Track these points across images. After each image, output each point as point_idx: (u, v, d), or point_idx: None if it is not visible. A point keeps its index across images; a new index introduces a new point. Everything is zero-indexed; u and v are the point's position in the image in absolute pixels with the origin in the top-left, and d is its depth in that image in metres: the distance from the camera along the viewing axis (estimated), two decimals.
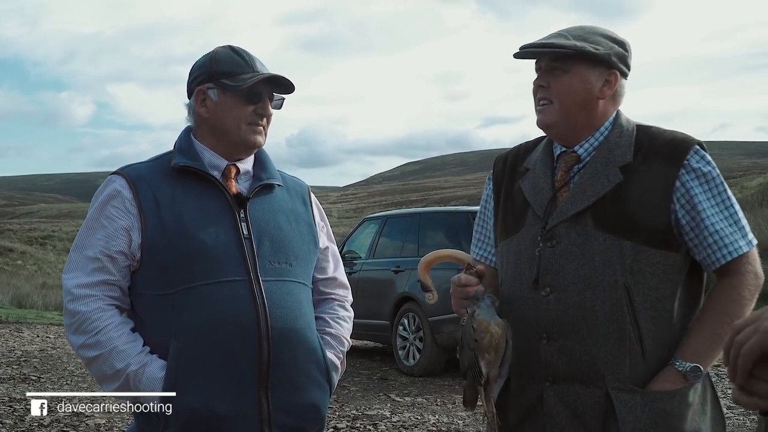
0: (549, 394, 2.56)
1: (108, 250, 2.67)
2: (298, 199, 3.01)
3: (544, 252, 2.58)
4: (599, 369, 2.49)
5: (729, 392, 9.29)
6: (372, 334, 13.20)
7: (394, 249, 13.12)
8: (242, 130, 2.80)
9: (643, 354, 2.49)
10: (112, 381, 2.65)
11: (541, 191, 2.67)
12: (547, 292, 2.56)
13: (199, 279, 2.64)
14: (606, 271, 2.49)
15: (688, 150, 2.55)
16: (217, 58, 2.83)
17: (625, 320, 2.47)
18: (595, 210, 2.54)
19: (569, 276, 2.53)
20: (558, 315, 2.53)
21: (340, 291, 3.13)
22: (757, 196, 28.01)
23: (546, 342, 2.55)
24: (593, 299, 2.49)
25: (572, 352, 2.51)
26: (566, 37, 2.62)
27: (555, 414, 2.54)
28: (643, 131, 2.64)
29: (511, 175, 2.83)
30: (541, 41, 2.65)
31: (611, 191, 2.53)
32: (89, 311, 2.63)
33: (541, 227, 2.61)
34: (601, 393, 2.48)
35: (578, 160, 2.66)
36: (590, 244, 2.52)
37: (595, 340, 2.49)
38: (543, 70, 2.66)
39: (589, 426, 2.50)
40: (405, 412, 9.16)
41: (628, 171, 2.55)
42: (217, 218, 2.72)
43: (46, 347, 14.55)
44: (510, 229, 2.74)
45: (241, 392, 2.64)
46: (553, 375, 2.55)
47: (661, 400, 2.46)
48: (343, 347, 3.02)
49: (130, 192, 2.71)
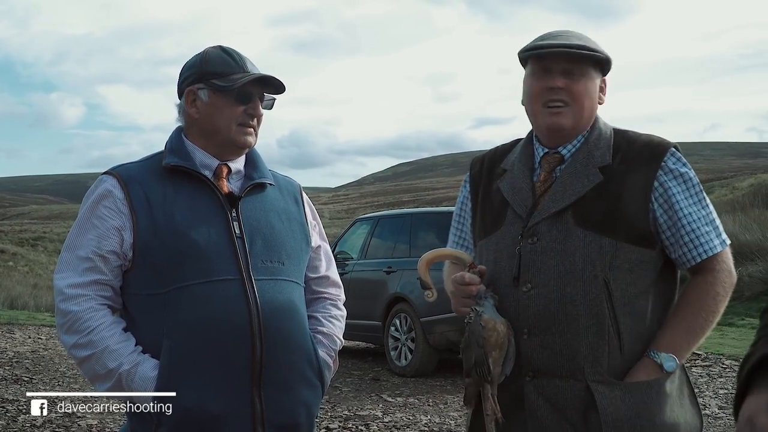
0: (529, 389, 2.60)
1: (100, 249, 2.67)
2: (290, 198, 3.01)
3: (525, 249, 2.63)
4: (579, 362, 2.55)
5: (721, 392, 9.32)
6: (364, 335, 13.18)
7: (386, 250, 13.12)
8: (233, 130, 2.80)
9: (621, 348, 2.55)
10: (105, 381, 2.65)
11: (521, 191, 2.73)
12: (528, 288, 2.61)
13: (191, 278, 2.64)
14: (586, 266, 2.55)
15: (665, 152, 2.64)
16: (208, 58, 2.83)
17: (605, 314, 2.54)
18: (576, 208, 2.61)
19: (550, 271, 2.59)
20: (539, 310, 2.58)
21: (333, 290, 3.14)
22: (749, 196, 28.07)
23: (527, 337, 2.60)
24: (573, 294, 2.55)
25: (553, 346, 2.57)
26: (580, 39, 2.66)
27: (536, 408, 2.59)
28: (620, 135, 2.73)
29: (489, 176, 2.89)
30: (570, 42, 2.63)
31: (592, 190, 2.61)
32: (81, 311, 2.63)
33: (522, 225, 2.67)
34: (581, 386, 2.54)
35: (562, 161, 2.73)
36: (571, 241, 2.58)
37: (575, 334, 2.55)
38: (556, 72, 2.65)
39: (570, 419, 2.55)
40: (397, 413, 9.17)
41: (607, 172, 2.63)
42: (209, 218, 2.73)
43: (38, 348, 14.50)
44: (488, 228, 2.79)
45: (234, 391, 2.65)
46: (534, 369, 2.60)
47: (639, 391, 2.53)
48: (336, 346, 3.02)
49: (121, 192, 2.71)
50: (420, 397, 10.16)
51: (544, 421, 2.58)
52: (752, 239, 17.69)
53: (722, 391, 9.40)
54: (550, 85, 2.65)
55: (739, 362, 10.33)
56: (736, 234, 18.01)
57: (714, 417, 8.23)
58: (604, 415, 2.49)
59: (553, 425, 2.57)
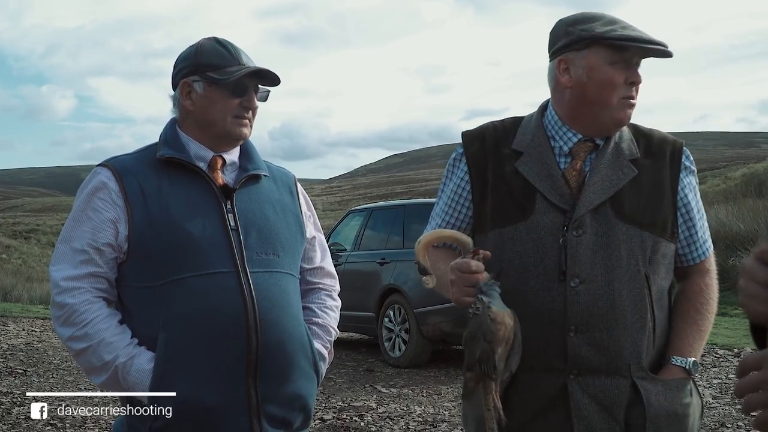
0: (573, 387, 2.52)
1: (95, 242, 2.66)
2: (285, 190, 3.00)
3: (570, 242, 2.54)
4: (625, 359, 2.52)
5: (714, 381, 9.35)
6: (358, 326, 13.19)
7: (380, 241, 13.12)
8: (228, 122, 2.79)
9: (654, 343, 2.57)
10: (101, 373, 2.64)
11: (551, 178, 2.60)
12: (576, 282, 2.52)
13: (186, 271, 2.63)
14: (630, 260, 2.53)
15: (681, 149, 2.68)
16: (203, 50, 2.81)
17: (647, 309, 2.53)
18: (614, 201, 2.56)
19: (597, 266, 2.52)
20: (588, 306, 2.51)
21: (328, 280, 3.13)
22: (741, 186, 28.13)
23: (573, 334, 2.51)
24: (620, 289, 2.51)
25: (600, 344, 2.51)
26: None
27: (582, 407, 2.51)
28: (633, 127, 2.70)
29: (497, 156, 2.71)
30: (661, 41, 2.55)
31: (628, 183, 2.57)
32: (77, 303, 2.62)
33: (563, 216, 2.56)
34: (627, 383, 2.52)
35: (595, 150, 2.64)
36: (614, 234, 2.53)
37: (622, 330, 2.51)
38: (636, 66, 2.59)
39: (616, 416, 2.52)
40: (391, 404, 9.19)
41: (638, 165, 2.61)
42: (204, 210, 2.71)
43: (32, 341, 14.49)
44: (512, 215, 2.62)
45: (229, 383, 2.64)
46: (579, 367, 2.52)
47: (677, 388, 2.56)
48: (331, 337, 3.02)
49: (116, 184, 2.69)
50: (414, 387, 10.17)
51: (591, 420, 2.52)
52: (745, 229, 17.72)
53: (716, 381, 9.43)
54: (635, 79, 2.58)
55: (733, 352, 10.30)
56: (729, 224, 18.05)
57: (708, 407, 8.23)
58: (649, 409, 2.49)
59: (599, 423, 2.52)
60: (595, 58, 2.55)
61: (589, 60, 2.55)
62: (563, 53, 2.60)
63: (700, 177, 24.57)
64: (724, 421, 7.66)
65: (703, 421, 7.56)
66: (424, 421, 8.26)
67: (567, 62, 2.59)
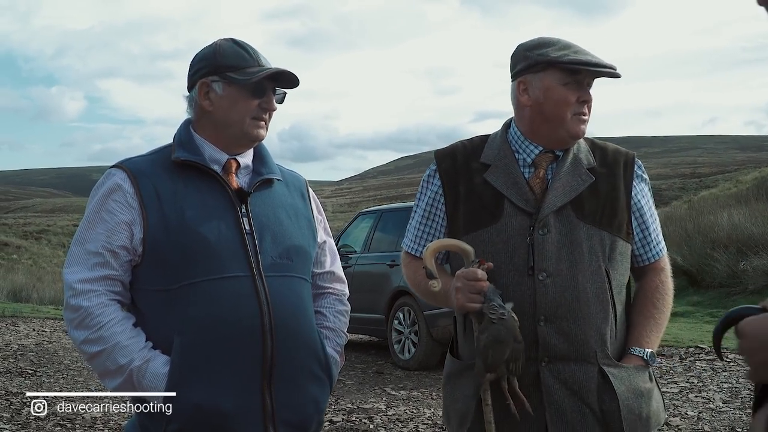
0: (545, 373, 2.74)
1: (110, 244, 2.64)
2: (297, 194, 3.00)
3: (537, 240, 2.78)
4: (592, 346, 2.75)
5: (725, 386, 9.32)
6: (367, 328, 13.19)
7: (389, 243, 13.09)
8: (246, 123, 2.79)
9: (616, 333, 2.82)
10: (115, 376, 2.62)
11: (517, 185, 2.86)
12: (543, 276, 2.75)
13: (201, 275, 2.62)
14: (592, 257, 2.77)
15: (633, 160, 2.96)
16: (222, 51, 2.80)
17: (608, 302, 2.78)
18: (574, 204, 2.82)
19: (563, 261, 2.76)
20: (555, 298, 2.74)
21: (338, 285, 3.13)
22: (753, 190, 28.02)
23: (543, 324, 2.74)
24: (584, 282, 2.75)
25: (568, 332, 2.74)
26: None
27: (553, 392, 2.73)
28: (590, 141, 2.99)
29: (467, 171, 2.96)
30: (609, 64, 2.82)
31: (586, 189, 2.83)
32: (92, 306, 2.61)
33: (529, 217, 2.81)
34: (594, 369, 2.74)
35: (555, 160, 2.91)
36: (576, 233, 2.79)
37: (587, 320, 2.74)
38: (588, 86, 2.87)
39: (586, 399, 2.73)
40: (400, 406, 9.18)
41: (595, 173, 2.88)
42: (219, 213, 2.71)
43: (42, 341, 14.53)
44: (483, 220, 2.86)
45: (244, 388, 2.64)
46: (549, 355, 2.74)
47: (639, 374, 2.81)
48: (342, 341, 3.03)
49: (131, 186, 2.68)
50: (423, 390, 10.16)
51: (562, 404, 2.72)
52: (757, 232, 17.64)
53: (726, 385, 9.39)
54: (586, 98, 2.85)
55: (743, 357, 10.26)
56: (741, 227, 17.97)
57: (718, 411, 8.21)
58: (620, 392, 2.72)
59: (570, 406, 2.72)
60: (549, 80, 2.83)
61: (545, 82, 2.84)
62: (522, 75, 2.89)
63: (711, 180, 24.53)
64: (734, 425, 7.62)
65: (714, 426, 7.54)
66: (434, 424, 8.24)
67: (526, 83, 2.88)
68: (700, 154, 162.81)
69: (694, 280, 17.89)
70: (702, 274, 17.56)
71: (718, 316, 13.76)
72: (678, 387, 9.43)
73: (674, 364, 10.91)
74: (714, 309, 15.96)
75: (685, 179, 47.39)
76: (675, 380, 9.82)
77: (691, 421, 7.86)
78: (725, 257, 17.02)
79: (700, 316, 15.73)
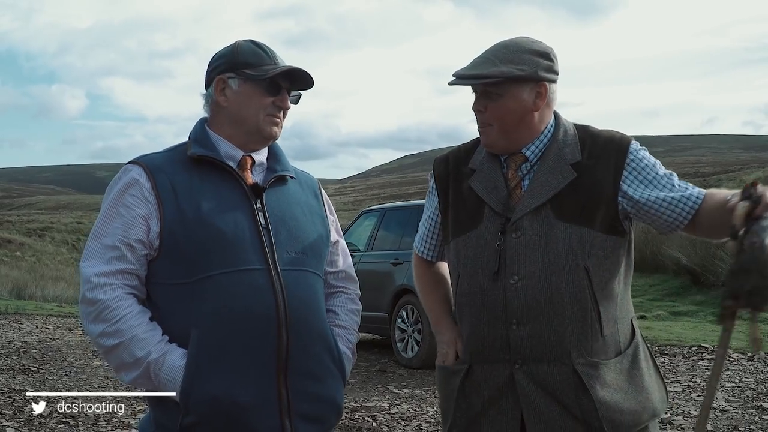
0: (520, 375, 2.76)
1: (126, 238, 2.66)
2: (311, 193, 3.04)
3: (510, 243, 2.79)
4: (566, 347, 2.73)
5: (728, 385, 9.31)
6: (371, 327, 13.17)
7: (393, 241, 13.11)
8: (261, 119, 2.82)
9: (601, 330, 2.77)
10: (132, 369, 2.63)
11: (495, 189, 2.88)
12: (515, 280, 2.76)
13: (218, 268, 2.64)
14: (568, 256, 2.74)
15: (628, 147, 2.84)
16: (240, 49, 2.85)
17: (587, 300, 2.74)
18: (554, 203, 2.79)
19: (535, 263, 2.75)
20: (527, 301, 2.75)
21: (350, 284, 3.17)
22: None
23: (516, 327, 2.76)
24: (558, 283, 2.73)
25: (541, 334, 2.74)
26: (494, 62, 2.80)
27: (528, 393, 2.75)
28: (582, 130, 2.93)
29: (457, 176, 3.03)
30: (471, 72, 2.81)
31: (567, 186, 2.79)
32: (109, 300, 2.62)
33: (502, 221, 2.82)
34: (568, 369, 2.73)
35: (526, 160, 2.89)
36: (553, 233, 2.76)
37: (562, 321, 2.73)
38: (478, 94, 2.86)
39: (562, 400, 2.73)
40: (403, 404, 9.19)
41: (579, 168, 2.82)
42: (235, 208, 2.73)
43: (45, 338, 14.55)
44: (465, 225, 2.92)
45: (261, 381, 2.65)
46: (522, 357, 2.76)
47: (618, 365, 2.79)
48: (354, 339, 3.06)
49: (148, 181, 2.70)
50: (426, 388, 10.17)
51: (538, 405, 2.74)
52: None
53: (729, 384, 9.38)
54: (475, 108, 2.88)
55: (746, 356, 10.26)
56: None
57: (721, 410, 8.21)
58: (593, 392, 2.70)
59: (546, 407, 2.74)
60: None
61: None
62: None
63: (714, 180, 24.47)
64: (736, 424, 7.62)
65: (716, 425, 7.54)
66: (437, 422, 8.24)
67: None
68: (703, 153, 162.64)
69: (698, 280, 17.91)
70: (706, 273, 17.57)
71: None
72: (681, 386, 9.44)
73: (677, 363, 10.92)
74: (717, 309, 15.95)
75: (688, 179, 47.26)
76: (678, 379, 9.83)
77: (694, 420, 7.83)
78: (729, 257, 17.01)
79: (704, 316, 15.75)
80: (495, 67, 2.77)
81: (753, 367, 10.39)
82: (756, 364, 10.52)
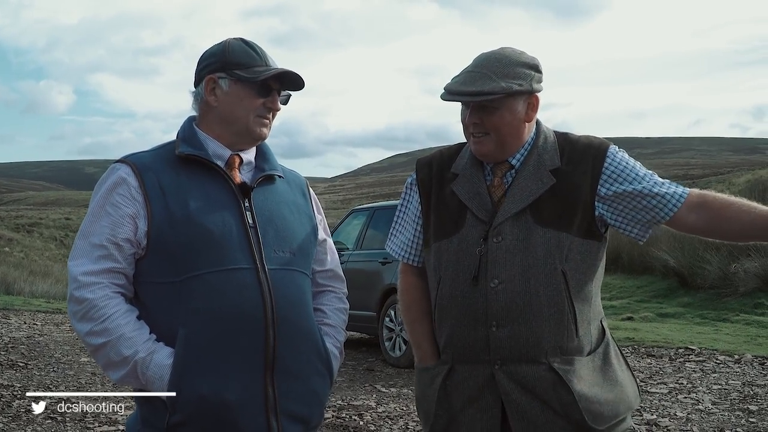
0: (500, 375, 2.83)
1: (114, 237, 2.66)
2: (298, 192, 3.05)
3: (491, 248, 2.85)
4: (543, 348, 2.81)
5: (714, 387, 9.33)
6: (358, 325, 13.16)
7: (382, 240, 13.00)
8: (250, 120, 2.82)
9: (576, 331, 2.85)
10: (119, 368, 2.64)
11: (478, 195, 2.93)
12: (495, 283, 2.83)
13: (205, 267, 2.64)
14: (547, 260, 2.81)
15: (606, 152, 2.90)
16: (230, 49, 2.84)
17: (564, 302, 2.82)
18: (533, 208, 2.85)
19: (515, 267, 2.82)
20: (507, 303, 2.82)
21: (337, 284, 3.18)
22: (745, 192, 28.10)
23: (496, 329, 2.83)
24: (537, 286, 2.81)
25: (519, 336, 2.81)
26: (491, 78, 2.82)
27: (509, 391, 2.82)
28: (562, 137, 3.00)
29: (440, 180, 3.07)
30: (471, 89, 2.80)
31: (546, 192, 2.86)
32: (96, 298, 2.62)
33: (484, 227, 2.88)
34: (544, 368, 2.80)
35: (511, 168, 2.95)
36: (533, 238, 2.83)
37: (539, 323, 2.81)
38: (473, 107, 2.86)
39: (542, 396, 2.81)
40: (390, 403, 9.20)
41: (558, 174, 2.89)
42: (223, 207, 2.74)
43: (33, 334, 14.52)
44: (447, 230, 2.97)
45: (248, 379, 2.66)
46: (502, 357, 2.83)
47: (594, 366, 2.88)
48: (341, 338, 3.08)
49: (135, 180, 2.70)
50: (413, 387, 10.13)
51: (520, 402, 2.81)
52: None
53: (716, 387, 9.42)
54: (470, 121, 2.88)
55: (733, 358, 10.32)
56: None
57: (707, 412, 8.24)
58: (573, 387, 2.79)
59: (527, 404, 2.81)
60: None
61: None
62: None
63: (703, 182, 24.69)
64: (723, 427, 7.64)
65: (702, 427, 7.57)
66: None
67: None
68: (692, 155, 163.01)
69: (685, 282, 17.96)
70: (693, 275, 17.62)
71: (708, 318, 13.84)
72: (667, 388, 9.46)
73: (664, 365, 10.95)
74: (705, 311, 16.02)
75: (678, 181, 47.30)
76: (664, 381, 9.86)
77: (680, 422, 7.88)
78: (717, 259, 17.08)
79: (691, 318, 15.79)
80: (494, 82, 2.79)
81: (740, 369, 10.44)
82: (743, 367, 10.56)
